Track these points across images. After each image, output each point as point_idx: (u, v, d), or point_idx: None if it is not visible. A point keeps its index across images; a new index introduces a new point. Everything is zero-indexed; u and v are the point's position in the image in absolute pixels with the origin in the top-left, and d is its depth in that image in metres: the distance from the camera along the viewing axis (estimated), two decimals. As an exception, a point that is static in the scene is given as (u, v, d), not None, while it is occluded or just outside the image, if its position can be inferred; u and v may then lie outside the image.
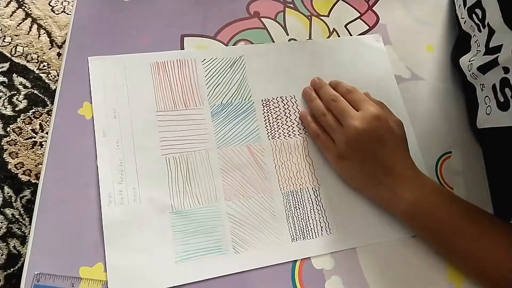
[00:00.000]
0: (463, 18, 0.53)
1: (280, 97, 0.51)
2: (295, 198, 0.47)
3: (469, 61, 0.50)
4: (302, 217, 0.46)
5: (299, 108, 0.51)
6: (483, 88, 0.47)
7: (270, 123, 0.50)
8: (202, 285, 0.42)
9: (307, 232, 0.46)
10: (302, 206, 0.47)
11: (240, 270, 0.43)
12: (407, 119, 0.52)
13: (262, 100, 0.51)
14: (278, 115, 0.50)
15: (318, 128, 0.49)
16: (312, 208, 0.47)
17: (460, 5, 0.55)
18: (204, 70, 0.51)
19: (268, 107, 0.50)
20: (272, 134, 0.49)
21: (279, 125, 0.50)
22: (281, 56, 0.53)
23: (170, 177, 0.45)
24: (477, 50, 0.49)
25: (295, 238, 0.45)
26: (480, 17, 0.48)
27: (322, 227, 0.46)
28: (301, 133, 0.50)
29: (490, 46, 0.46)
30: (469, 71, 0.49)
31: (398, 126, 0.47)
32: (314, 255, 0.45)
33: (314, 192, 0.48)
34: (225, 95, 0.50)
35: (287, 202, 0.47)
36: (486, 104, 0.47)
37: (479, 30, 0.48)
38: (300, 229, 0.46)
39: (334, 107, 0.47)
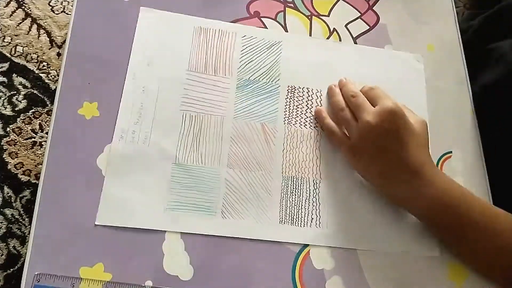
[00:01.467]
0: None
1: (307, 88, 0.52)
2: (294, 184, 0.47)
3: None
4: (295, 204, 0.47)
5: (322, 103, 0.52)
6: None
7: (290, 109, 0.51)
8: (202, 282, 0.42)
9: (297, 219, 0.46)
10: (298, 193, 0.47)
11: (223, 234, 0.44)
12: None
13: (289, 86, 0.52)
14: (299, 104, 0.51)
15: (333, 124, 0.49)
16: (308, 198, 0.47)
17: None
18: (241, 45, 0.53)
19: (292, 94, 0.51)
20: (289, 120, 0.50)
21: (298, 113, 0.51)
22: (319, 51, 0.54)
23: (182, 132, 0.48)
24: None
25: (283, 221, 0.46)
26: None
27: (312, 219, 0.46)
28: (317, 126, 0.51)
29: None
30: None
31: (419, 124, 0.47)
32: (297, 242, 0.45)
33: (314, 184, 0.48)
34: (255, 73, 0.51)
35: (285, 186, 0.47)
36: None
37: None
38: (290, 214, 0.46)
39: (352, 102, 0.48)
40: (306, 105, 0.51)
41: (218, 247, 0.44)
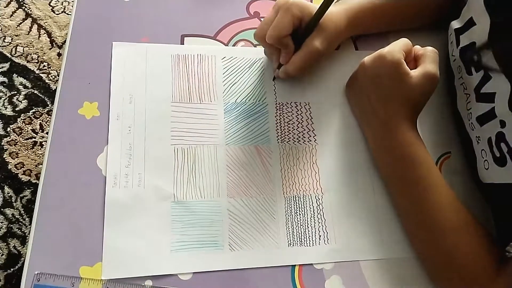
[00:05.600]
0: (454, 56, 0.51)
1: (295, 103, 0.51)
2: (297, 204, 0.47)
3: (467, 109, 0.48)
4: (301, 224, 0.46)
5: (312, 115, 0.51)
6: (478, 141, 0.46)
7: (281, 126, 0.50)
8: (201, 281, 0.42)
9: (305, 239, 0.45)
10: (303, 212, 0.46)
11: (234, 267, 0.43)
12: None
13: (277, 103, 0.51)
14: (290, 120, 0.50)
15: None
16: (313, 216, 0.46)
17: (452, 42, 0.52)
18: (222, 68, 0.51)
19: (281, 111, 0.50)
20: (282, 138, 0.49)
21: (290, 130, 0.50)
22: None
23: (176, 167, 0.46)
24: (465, 94, 0.48)
25: (292, 244, 0.45)
26: (475, 60, 0.45)
27: (320, 236, 0.46)
28: (310, 141, 0.50)
29: (481, 92, 0.44)
30: (469, 120, 0.48)
31: (424, 79, 0.45)
32: (309, 262, 0.44)
33: (317, 200, 0.47)
34: (240, 94, 0.50)
35: (288, 207, 0.46)
36: (483, 158, 0.45)
37: (470, 73, 0.47)
38: (298, 235, 0.45)
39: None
40: (296, 120, 0.50)
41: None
